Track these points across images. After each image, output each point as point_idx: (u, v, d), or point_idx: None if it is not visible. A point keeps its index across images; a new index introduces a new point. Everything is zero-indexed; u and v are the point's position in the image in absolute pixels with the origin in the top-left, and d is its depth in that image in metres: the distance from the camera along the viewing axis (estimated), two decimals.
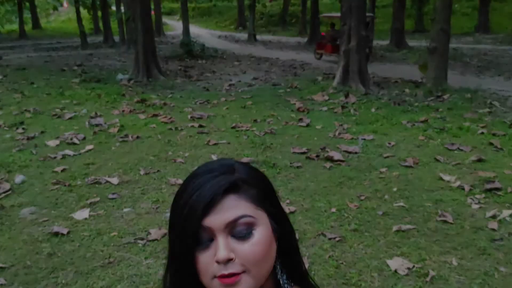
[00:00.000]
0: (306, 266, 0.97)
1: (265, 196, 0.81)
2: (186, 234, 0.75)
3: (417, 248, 3.31)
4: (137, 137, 6.34)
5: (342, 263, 3.14)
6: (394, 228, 3.61)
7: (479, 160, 5.07)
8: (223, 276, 0.73)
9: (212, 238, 0.75)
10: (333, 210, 3.98)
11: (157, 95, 9.91)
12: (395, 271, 3.02)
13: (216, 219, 0.74)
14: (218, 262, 0.73)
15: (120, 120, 7.27)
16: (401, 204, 4.06)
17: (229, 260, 0.73)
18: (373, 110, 7.91)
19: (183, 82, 12.07)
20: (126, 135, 6.39)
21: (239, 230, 0.75)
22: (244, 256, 0.74)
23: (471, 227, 3.60)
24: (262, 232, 0.76)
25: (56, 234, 3.58)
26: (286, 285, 0.83)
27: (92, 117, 7.34)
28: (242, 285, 0.74)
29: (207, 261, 0.75)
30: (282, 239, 0.82)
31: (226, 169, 0.79)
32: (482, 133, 6.17)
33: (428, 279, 2.91)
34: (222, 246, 0.73)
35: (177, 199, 0.79)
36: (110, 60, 17.64)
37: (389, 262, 3.12)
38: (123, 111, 8.03)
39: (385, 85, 10.61)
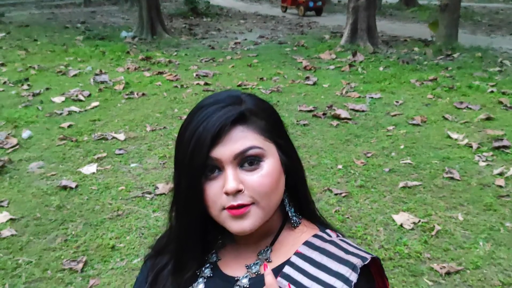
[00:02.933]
0: None
1: (273, 127, 0.79)
2: (194, 166, 0.73)
3: (423, 204, 3.33)
4: (143, 94, 6.31)
5: (348, 217, 3.16)
6: (401, 184, 3.61)
7: (488, 119, 5.02)
8: (232, 208, 0.72)
9: (220, 170, 0.74)
10: (340, 166, 3.98)
11: (162, 52, 9.79)
12: (401, 225, 3.04)
13: (224, 151, 0.72)
14: (227, 193, 0.72)
15: (125, 77, 7.20)
16: (408, 161, 4.05)
17: (238, 192, 0.72)
18: (381, 68, 7.78)
19: (188, 40, 11.88)
20: (132, 92, 6.35)
21: (247, 162, 0.74)
22: (253, 188, 0.73)
23: (478, 183, 3.60)
24: (271, 164, 0.75)
25: (65, 187, 3.62)
26: (294, 218, 0.83)
27: (97, 74, 7.28)
28: (251, 216, 0.73)
29: (216, 193, 0.73)
30: (290, 172, 0.81)
31: (234, 100, 0.77)
32: (492, 91, 6.08)
33: (433, 233, 2.93)
34: (231, 178, 0.72)
35: (183, 131, 0.77)
36: (113, 17, 17.34)
37: (394, 216, 3.14)
38: (128, 68, 7.95)
39: (394, 44, 10.39)
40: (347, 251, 0.75)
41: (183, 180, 0.75)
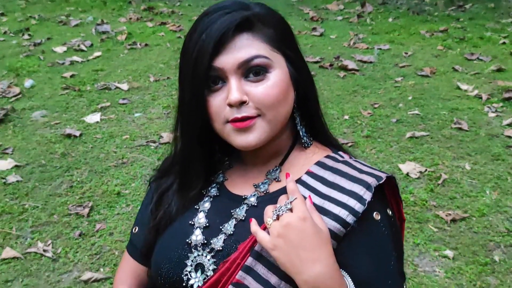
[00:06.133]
0: None
1: (282, 37, 0.73)
2: (197, 77, 0.68)
3: (430, 154, 3.29)
4: (146, 44, 6.18)
5: None
6: (408, 134, 3.57)
7: (499, 70, 4.90)
8: (236, 120, 0.68)
9: (224, 81, 0.69)
10: (346, 117, 3.93)
11: (164, 3, 9.52)
12: (407, 174, 3.02)
13: (227, 59, 0.67)
14: (230, 105, 0.67)
15: (128, 27, 7.04)
16: (416, 112, 3.98)
17: (242, 103, 0.67)
18: (390, 19, 7.56)
19: None
20: (134, 43, 6.23)
21: (253, 72, 0.68)
22: (258, 99, 0.68)
23: (487, 134, 3.55)
24: (278, 75, 0.69)
25: (69, 136, 3.60)
26: (305, 138, 0.78)
27: (98, 24, 7.11)
28: (257, 130, 0.68)
29: (219, 105, 0.69)
30: (300, 88, 0.76)
31: (240, 5, 0.71)
32: (504, 43, 5.90)
33: (440, 182, 2.91)
34: (235, 88, 0.67)
35: (187, 41, 0.71)
36: None
37: (401, 166, 3.12)
38: (130, 18, 7.76)
39: None
40: (361, 171, 0.71)
41: (186, 92, 0.71)
